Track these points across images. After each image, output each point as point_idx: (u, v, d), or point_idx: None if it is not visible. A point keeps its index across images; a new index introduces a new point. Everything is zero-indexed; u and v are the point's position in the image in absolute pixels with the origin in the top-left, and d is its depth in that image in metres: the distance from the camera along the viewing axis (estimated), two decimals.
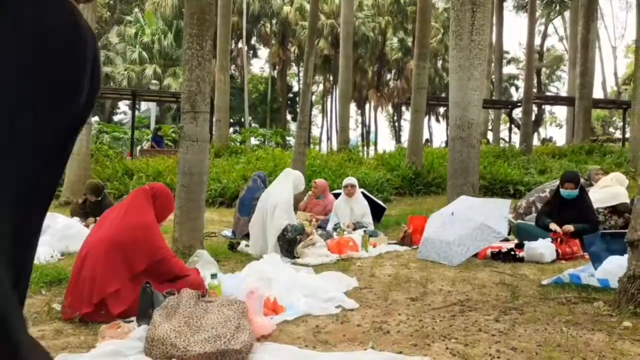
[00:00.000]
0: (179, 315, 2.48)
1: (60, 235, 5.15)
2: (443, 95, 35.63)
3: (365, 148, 34.10)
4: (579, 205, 5.48)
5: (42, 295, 3.51)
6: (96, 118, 27.82)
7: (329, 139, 41.99)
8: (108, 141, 19.74)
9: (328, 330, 2.86)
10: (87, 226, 5.91)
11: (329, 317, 3.11)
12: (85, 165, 10.55)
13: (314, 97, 40.15)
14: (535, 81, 25.16)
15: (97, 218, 6.03)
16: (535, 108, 24.38)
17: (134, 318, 2.81)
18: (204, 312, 2.52)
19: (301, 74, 38.30)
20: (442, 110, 42.78)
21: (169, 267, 3.17)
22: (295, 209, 5.83)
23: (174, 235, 4.96)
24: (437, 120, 45.90)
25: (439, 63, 40.29)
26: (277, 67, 39.60)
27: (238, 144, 20.22)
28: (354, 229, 6.21)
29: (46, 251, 4.75)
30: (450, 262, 4.80)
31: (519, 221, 6.79)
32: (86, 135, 10.56)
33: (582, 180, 6.46)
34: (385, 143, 68.21)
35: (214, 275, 3.22)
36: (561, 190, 5.56)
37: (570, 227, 5.29)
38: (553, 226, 5.35)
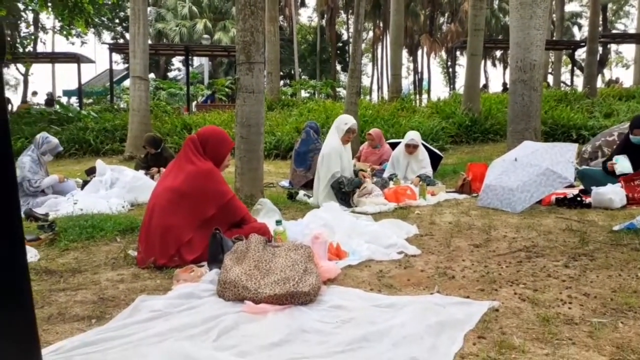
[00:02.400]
0: (248, 260, 2.57)
1: (129, 187, 5.41)
2: (500, 37, 33.87)
3: (418, 96, 33.24)
4: None
5: (117, 243, 3.72)
6: (152, 75, 28.46)
7: (380, 88, 41.16)
8: (165, 97, 20.20)
9: (392, 275, 2.89)
10: (152, 177, 6.16)
11: (391, 263, 3.13)
12: (145, 121, 10.90)
13: (363, 46, 39.17)
14: (600, 18, 23.32)
15: (162, 168, 6.29)
16: (600, 48, 22.67)
17: (205, 263, 2.94)
18: (272, 256, 2.60)
19: (351, 22, 37.35)
20: (498, 53, 40.80)
21: (236, 209, 3.27)
22: (353, 157, 5.79)
23: (235, 185, 5.08)
24: (494, 65, 43.93)
25: (496, 3, 38.09)
26: (325, 16, 38.66)
27: (289, 96, 20.17)
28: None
29: (117, 202, 5.00)
30: (514, 209, 4.68)
31: (584, 167, 6.49)
32: (145, 92, 10.85)
33: None
34: (439, 90, 66.11)
35: (278, 222, 3.28)
36: (631, 136, 5.20)
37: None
38: (613, 166, 5.06)
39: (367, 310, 2.32)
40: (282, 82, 28.96)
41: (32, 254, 3.31)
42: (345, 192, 5.08)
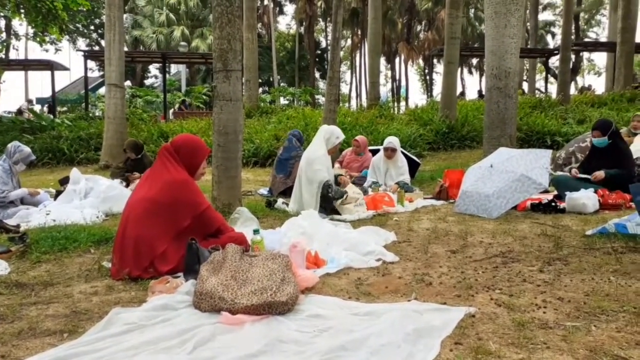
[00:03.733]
0: (225, 270, 2.54)
1: (104, 197, 5.31)
2: (476, 45, 34.45)
3: (396, 103, 33.53)
4: (613, 153, 5.32)
5: (91, 254, 3.64)
6: (128, 83, 28.09)
7: (359, 95, 41.41)
8: (141, 105, 19.97)
9: (370, 283, 2.89)
10: (132, 181, 6.08)
11: (370, 270, 3.13)
12: (121, 129, 10.75)
13: (342, 53, 39.41)
14: (573, 27, 23.92)
15: (142, 174, 6.21)
16: (572, 56, 23.26)
17: (181, 274, 2.90)
18: (249, 266, 2.57)
19: (329, 29, 37.55)
20: (475, 61, 41.47)
21: (211, 220, 3.22)
22: (332, 163, 5.79)
23: (212, 194, 5.03)
24: (470, 72, 44.61)
25: (472, 12, 38.76)
26: (304, 23, 38.83)
27: (268, 104, 20.14)
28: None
29: (91, 212, 4.90)
30: (490, 214, 4.74)
31: (559, 172, 6.63)
32: (120, 100, 10.70)
33: (624, 129, 6.24)
34: (417, 97, 66.97)
35: (256, 231, 3.26)
36: (592, 138, 5.47)
37: (600, 173, 5.20)
38: (573, 172, 5.45)
39: (345, 319, 2.31)
40: (260, 90, 28.92)
41: (2, 267, 3.22)
42: (328, 198, 5.04)
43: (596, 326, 2.16)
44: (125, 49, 14.60)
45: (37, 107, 24.39)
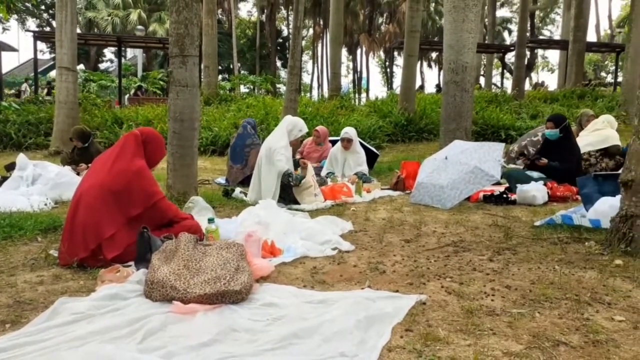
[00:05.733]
0: (177, 259, 2.50)
1: (53, 183, 5.10)
2: (436, 39, 34.96)
3: (357, 95, 33.72)
4: (561, 146, 5.57)
5: (37, 243, 3.51)
6: (81, 66, 27.05)
7: (320, 86, 41.37)
8: (95, 90, 19.26)
9: (325, 271, 2.91)
10: (79, 173, 5.85)
11: (326, 259, 3.15)
12: (73, 115, 10.34)
13: (304, 43, 39.21)
14: (528, 24, 24.63)
15: (89, 165, 5.99)
16: (528, 52, 24.04)
17: (132, 262, 2.83)
18: (202, 255, 2.54)
19: (291, 18, 37.24)
20: (434, 55, 42.09)
21: (164, 211, 3.16)
22: (293, 154, 5.75)
23: (167, 182, 4.93)
24: (429, 66, 45.26)
25: (432, 6, 39.25)
26: (265, 11, 38.34)
27: (227, 91, 19.83)
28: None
29: (39, 200, 4.71)
30: (444, 205, 4.84)
31: (511, 165, 6.85)
32: (72, 84, 10.28)
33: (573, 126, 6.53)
34: (377, 89, 67.42)
35: (211, 220, 3.22)
36: (546, 131, 5.71)
37: (544, 160, 5.54)
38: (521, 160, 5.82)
39: (299, 307, 2.32)
40: (220, 77, 28.47)
41: None
42: (288, 188, 5.01)
43: (540, 313, 2.25)
44: (79, 30, 14.00)
45: None
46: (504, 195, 5.08)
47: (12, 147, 10.75)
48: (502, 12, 41.89)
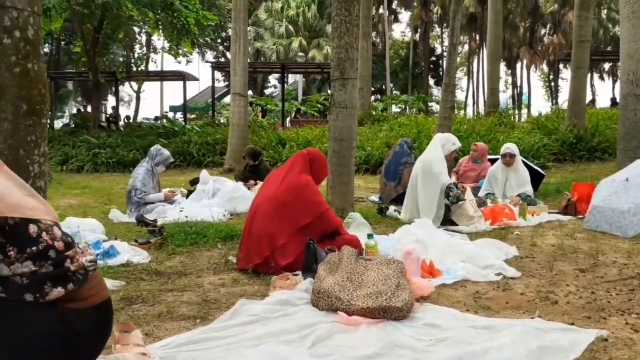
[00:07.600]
0: (341, 271, 2.62)
1: (229, 197, 5.72)
2: (609, 49, 31.53)
3: (517, 111, 31.77)
4: None
5: (218, 249, 3.95)
6: (250, 92, 29.85)
7: (475, 103, 39.88)
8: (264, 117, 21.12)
9: (489, 297, 2.79)
10: (249, 189, 6.44)
11: (489, 284, 3.02)
12: (244, 136, 11.46)
13: (458, 59, 38.26)
14: None
15: (258, 181, 6.57)
16: None
17: (299, 272, 3.04)
18: (364, 270, 2.62)
19: (445, 36, 36.77)
20: (607, 66, 37.96)
21: (331, 220, 3.39)
22: (448, 172, 5.57)
23: (327, 198, 5.17)
24: (602, 78, 40.90)
25: (604, 13, 35.55)
26: (419, 31, 38.37)
27: (380, 112, 20.18)
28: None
29: (219, 211, 5.30)
30: (625, 233, 4.31)
31: None
32: (244, 108, 11.42)
33: None
34: (540, 105, 62.79)
35: (370, 236, 3.31)
36: None
37: None
38: None
39: (463, 331, 2.26)
40: (373, 98, 29.08)
41: (144, 256, 3.61)
42: (446, 205, 4.84)
43: None
44: (249, 60, 15.54)
45: (170, 115, 26.79)
46: None
47: (193, 165, 12.25)
48: None
